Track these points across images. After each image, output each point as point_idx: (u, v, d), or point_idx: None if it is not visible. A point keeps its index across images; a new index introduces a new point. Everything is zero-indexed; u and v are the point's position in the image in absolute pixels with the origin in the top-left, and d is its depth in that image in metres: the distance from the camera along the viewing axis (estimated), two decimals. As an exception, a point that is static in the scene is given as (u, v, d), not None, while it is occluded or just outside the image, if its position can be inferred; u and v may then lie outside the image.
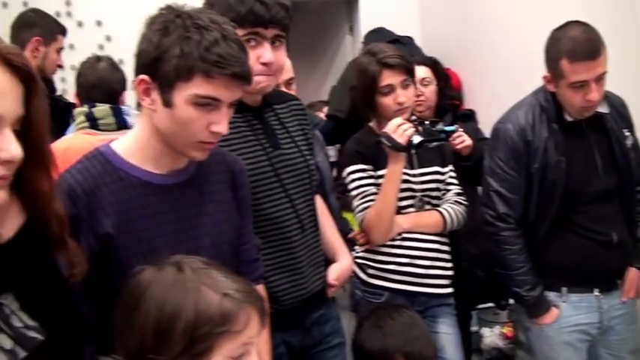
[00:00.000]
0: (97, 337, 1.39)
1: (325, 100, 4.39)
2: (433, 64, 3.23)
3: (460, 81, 4.25)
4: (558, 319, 2.32)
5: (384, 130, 2.26)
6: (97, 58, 2.70)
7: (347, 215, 2.89)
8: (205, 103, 1.39)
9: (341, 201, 2.77)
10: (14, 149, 0.99)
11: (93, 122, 2.49)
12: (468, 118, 3.27)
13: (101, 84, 2.58)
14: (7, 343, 1.04)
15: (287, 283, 1.88)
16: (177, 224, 1.49)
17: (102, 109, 2.51)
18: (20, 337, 1.08)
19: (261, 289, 1.69)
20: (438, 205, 2.45)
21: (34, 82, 1.04)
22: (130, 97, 2.78)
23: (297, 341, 1.96)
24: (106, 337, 1.34)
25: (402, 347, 1.70)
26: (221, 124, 1.42)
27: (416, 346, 1.72)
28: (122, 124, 2.52)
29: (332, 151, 3.86)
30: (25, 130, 1.03)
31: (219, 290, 1.08)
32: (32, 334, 1.10)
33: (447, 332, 2.44)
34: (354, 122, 2.73)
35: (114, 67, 2.67)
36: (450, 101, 3.31)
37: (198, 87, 1.37)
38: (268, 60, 1.78)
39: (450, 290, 2.46)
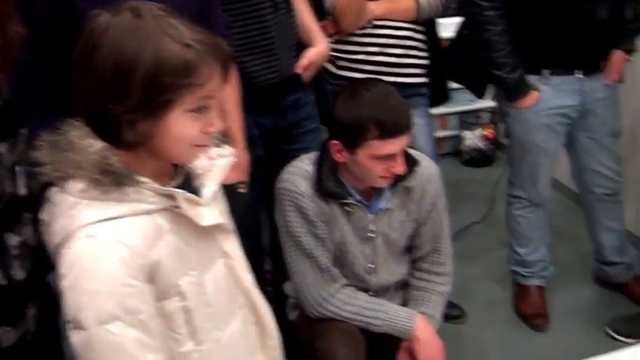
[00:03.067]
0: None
1: None
2: None
3: None
4: (538, 102, 2.25)
5: None
6: None
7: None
8: None
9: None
10: None
11: None
12: None
13: None
14: None
15: (260, 64, 1.81)
16: None
17: None
18: None
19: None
20: (413, -8, 2.26)
21: None
22: None
23: (271, 124, 1.92)
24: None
25: (374, 116, 1.62)
26: None
27: (390, 115, 1.63)
28: None
29: None
30: None
31: (181, 40, 1.00)
32: None
33: (418, 123, 2.33)
34: None
35: None
36: None
37: None
38: None
39: (423, 80, 2.33)
